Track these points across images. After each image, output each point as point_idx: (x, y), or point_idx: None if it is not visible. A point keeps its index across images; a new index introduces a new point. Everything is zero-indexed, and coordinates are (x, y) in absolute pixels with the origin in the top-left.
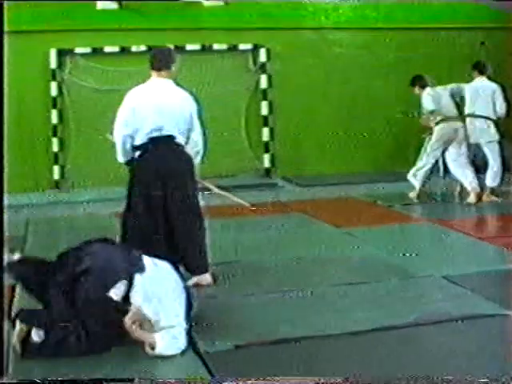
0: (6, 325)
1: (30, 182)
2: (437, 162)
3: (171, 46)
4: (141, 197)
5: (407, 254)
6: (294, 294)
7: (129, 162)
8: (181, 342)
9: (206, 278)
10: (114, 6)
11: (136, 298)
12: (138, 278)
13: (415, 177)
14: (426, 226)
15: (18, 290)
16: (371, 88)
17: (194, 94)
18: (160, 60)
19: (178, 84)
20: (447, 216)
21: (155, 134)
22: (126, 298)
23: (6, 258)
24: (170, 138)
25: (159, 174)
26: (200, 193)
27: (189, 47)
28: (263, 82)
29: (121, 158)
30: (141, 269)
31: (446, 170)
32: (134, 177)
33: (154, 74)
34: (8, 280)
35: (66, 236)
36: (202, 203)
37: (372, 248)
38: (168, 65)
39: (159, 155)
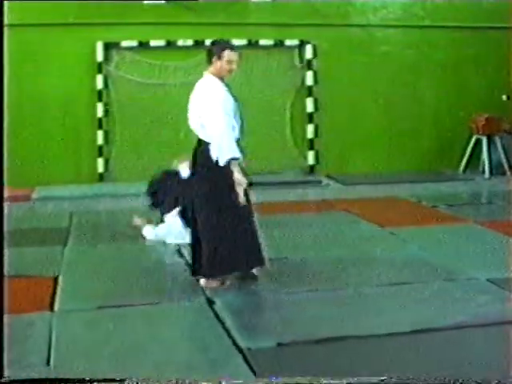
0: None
1: (75, 174)
2: None
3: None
4: None
5: (451, 256)
6: (338, 293)
7: None
8: None
9: (211, 282)
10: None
11: None
12: None
13: None
14: (471, 228)
15: (60, 281)
16: (417, 87)
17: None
18: (207, 56)
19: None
20: (492, 217)
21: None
22: None
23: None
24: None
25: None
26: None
27: (235, 42)
28: (309, 78)
29: None
30: None
31: (492, 170)
32: None
33: None
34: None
35: (109, 229)
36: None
37: (416, 248)
38: (209, 59)
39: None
